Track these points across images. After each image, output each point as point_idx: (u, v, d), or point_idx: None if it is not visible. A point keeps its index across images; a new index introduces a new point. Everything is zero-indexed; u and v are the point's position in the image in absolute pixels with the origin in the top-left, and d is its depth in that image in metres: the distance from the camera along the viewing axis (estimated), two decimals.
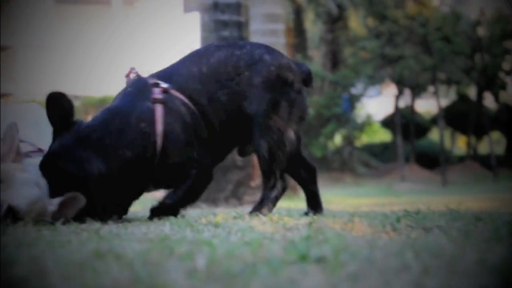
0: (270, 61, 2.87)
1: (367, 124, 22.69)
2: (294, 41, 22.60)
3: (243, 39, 7.39)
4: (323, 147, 20.68)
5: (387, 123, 24.30)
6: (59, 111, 2.69)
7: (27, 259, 1.45)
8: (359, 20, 23.07)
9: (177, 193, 2.83)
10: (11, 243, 1.82)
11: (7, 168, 2.62)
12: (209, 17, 7.37)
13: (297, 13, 23.13)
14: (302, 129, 2.95)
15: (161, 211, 2.82)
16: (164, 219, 2.71)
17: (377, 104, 26.44)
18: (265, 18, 9.84)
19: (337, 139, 22.70)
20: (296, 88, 2.88)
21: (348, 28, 23.34)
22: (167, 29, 24.92)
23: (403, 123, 21.70)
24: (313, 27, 23.98)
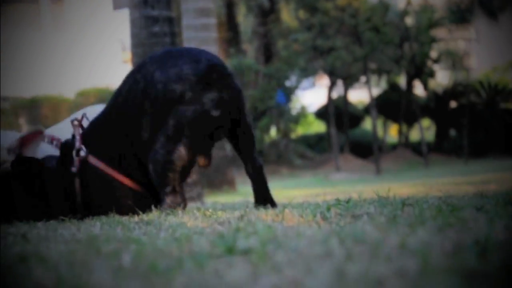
0: (158, 78, 2.81)
1: (302, 116, 22.92)
2: (226, 35, 22.59)
3: (174, 34, 7.33)
4: (259, 140, 20.78)
5: (321, 114, 24.56)
6: None
7: None
8: (290, 12, 23.22)
9: None
10: None
11: None
12: (139, 13, 7.27)
13: (229, 7, 23.11)
14: (210, 128, 2.86)
15: None
16: (95, 219, 2.68)
17: (311, 96, 26.74)
18: (197, 13, 9.77)
19: (273, 132, 22.85)
20: (186, 98, 2.78)
21: (281, 21, 23.46)
22: (96, 27, 24.50)
23: (336, 113, 22.00)
24: (245, 21, 24.02)
